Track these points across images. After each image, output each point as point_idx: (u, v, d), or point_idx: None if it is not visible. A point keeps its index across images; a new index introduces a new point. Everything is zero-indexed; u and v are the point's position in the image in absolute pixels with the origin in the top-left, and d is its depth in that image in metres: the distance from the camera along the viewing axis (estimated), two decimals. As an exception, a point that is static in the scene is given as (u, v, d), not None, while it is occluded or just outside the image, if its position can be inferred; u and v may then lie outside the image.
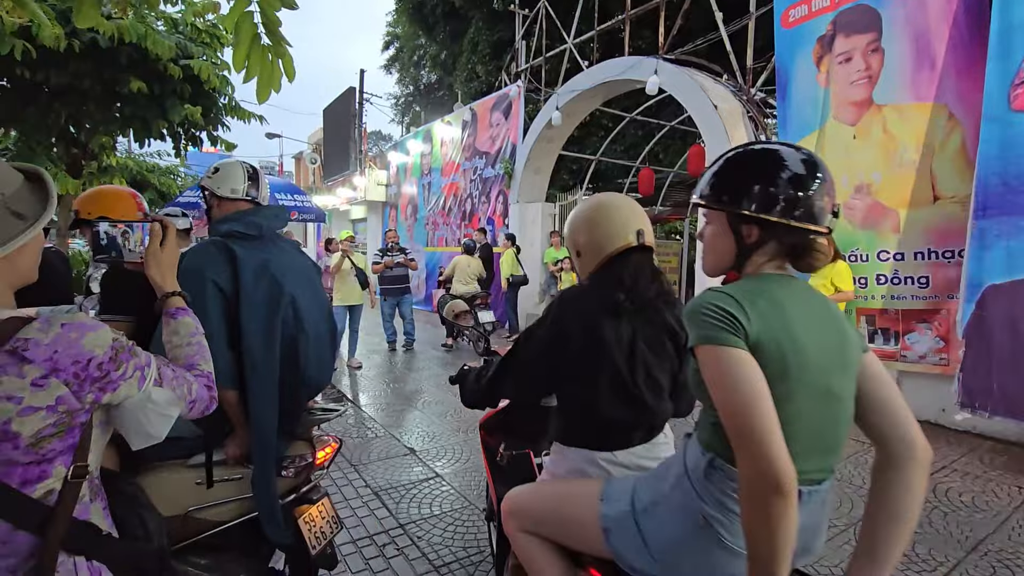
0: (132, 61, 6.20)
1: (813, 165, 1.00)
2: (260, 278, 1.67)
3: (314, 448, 1.86)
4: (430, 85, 22.30)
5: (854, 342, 1.03)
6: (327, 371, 1.96)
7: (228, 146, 7.70)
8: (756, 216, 1.00)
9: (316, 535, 1.81)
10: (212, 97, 7.28)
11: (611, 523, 1.15)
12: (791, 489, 0.81)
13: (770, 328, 0.93)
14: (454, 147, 11.06)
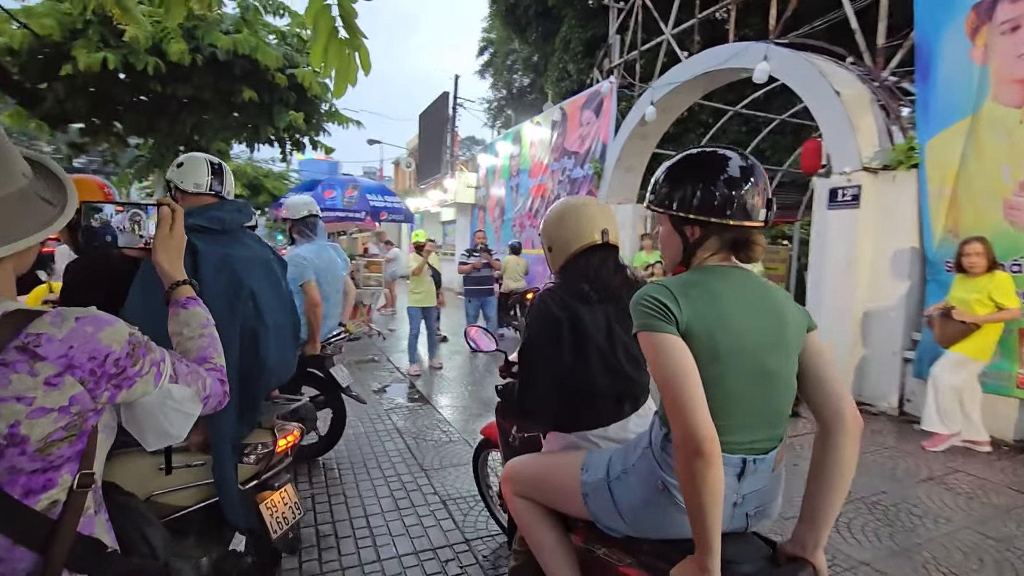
0: (245, 72, 6.67)
1: (745, 164, 1.11)
2: (220, 272, 1.69)
3: (275, 436, 1.90)
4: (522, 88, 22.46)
5: (794, 322, 1.13)
6: (289, 363, 2.00)
7: (327, 150, 8.10)
8: (696, 218, 1.12)
9: (278, 520, 1.89)
10: (314, 104, 7.69)
11: (589, 489, 1.29)
12: (711, 452, 0.93)
13: (701, 316, 1.05)
14: (543, 148, 10.90)
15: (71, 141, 7.08)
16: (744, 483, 1.10)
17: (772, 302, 1.14)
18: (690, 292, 1.08)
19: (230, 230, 1.81)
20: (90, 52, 5.52)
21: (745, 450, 1.09)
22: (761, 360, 1.08)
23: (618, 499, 1.22)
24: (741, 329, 1.07)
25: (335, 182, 7.47)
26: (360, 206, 7.03)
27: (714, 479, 0.94)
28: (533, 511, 1.47)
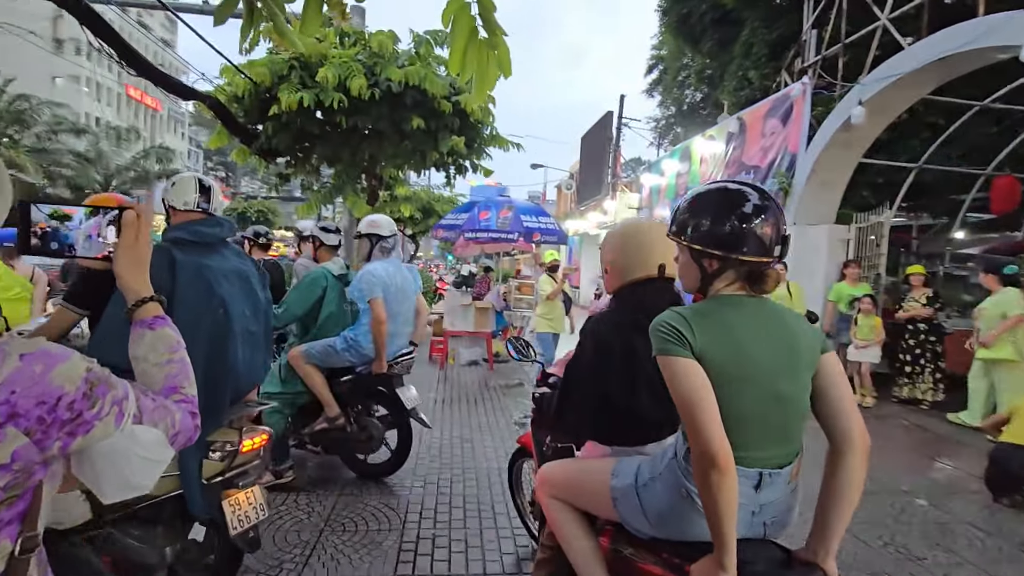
0: (415, 102, 7.03)
1: (761, 202, 1.21)
2: (194, 281, 1.82)
3: (241, 437, 1.98)
4: (693, 104, 21.18)
5: (807, 350, 1.23)
6: (258, 369, 2.13)
7: (486, 172, 8.22)
8: (713, 252, 1.22)
9: (239, 517, 1.98)
10: (476, 128, 7.85)
11: (619, 494, 1.38)
12: (726, 465, 1.04)
13: (715, 342, 1.16)
14: (715, 163, 9.82)
15: (279, 172, 8.20)
16: (761, 494, 1.21)
17: (785, 330, 1.23)
18: (705, 320, 1.18)
19: (210, 243, 1.98)
20: (290, 93, 6.26)
21: (761, 464, 1.19)
22: (775, 385, 1.19)
23: (645, 503, 1.31)
24: (755, 357, 1.18)
25: (491, 203, 7.50)
26: (514, 227, 6.92)
27: (728, 488, 1.05)
28: (565, 512, 1.56)
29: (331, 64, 6.34)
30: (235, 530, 1.97)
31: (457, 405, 5.34)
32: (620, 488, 1.37)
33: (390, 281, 3.28)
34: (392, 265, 3.39)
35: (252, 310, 2.06)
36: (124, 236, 0.97)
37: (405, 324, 3.47)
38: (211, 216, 2.04)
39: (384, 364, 3.24)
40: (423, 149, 7.51)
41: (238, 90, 6.66)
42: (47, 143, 22.31)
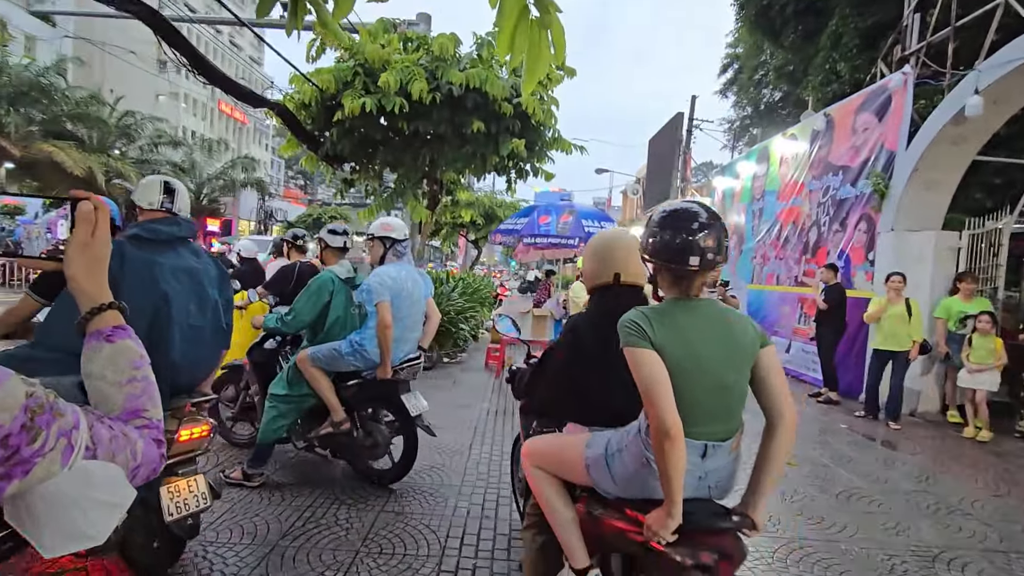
0: (475, 105, 6.92)
1: (693, 218, 1.47)
2: (139, 274, 1.93)
3: (180, 426, 2.07)
4: (771, 104, 19.98)
5: (749, 345, 1.50)
6: (203, 362, 2.23)
7: (547, 176, 7.97)
8: (649, 259, 1.56)
9: (177, 504, 2.06)
10: (538, 131, 7.63)
11: (591, 461, 1.62)
12: (676, 436, 1.31)
13: (670, 340, 1.43)
14: (797, 164, 9.03)
15: (344, 178, 8.35)
16: (707, 462, 1.48)
17: (729, 329, 1.50)
18: (663, 320, 1.46)
19: (165, 240, 2.08)
20: (354, 98, 6.32)
21: (706, 438, 1.46)
22: (721, 376, 1.47)
23: (613, 469, 1.56)
24: (704, 353, 1.45)
25: (552, 208, 7.24)
26: (574, 232, 6.62)
27: (678, 454, 1.32)
28: (546, 479, 1.77)
29: (393, 69, 6.35)
30: (171, 516, 2.06)
31: (510, 418, 5.11)
32: (592, 457, 1.62)
33: (399, 285, 3.22)
34: (403, 269, 3.32)
35: (198, 306, 2.16)
36: (78, 232, 0.81)
37: (412, 329, 3.39)
38: (172, 216, 2.15)
39: (388, 370, 3.18)
40: (483, 152, 7.39)
41: (305, 97, 6.82)
42: (148, 154, 24.45)
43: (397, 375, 3.27)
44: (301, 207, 41.32)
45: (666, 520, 1.35)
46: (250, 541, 2.63)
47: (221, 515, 2.87)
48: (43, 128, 19.05)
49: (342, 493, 3.23)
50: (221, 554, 2.50)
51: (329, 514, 2.96)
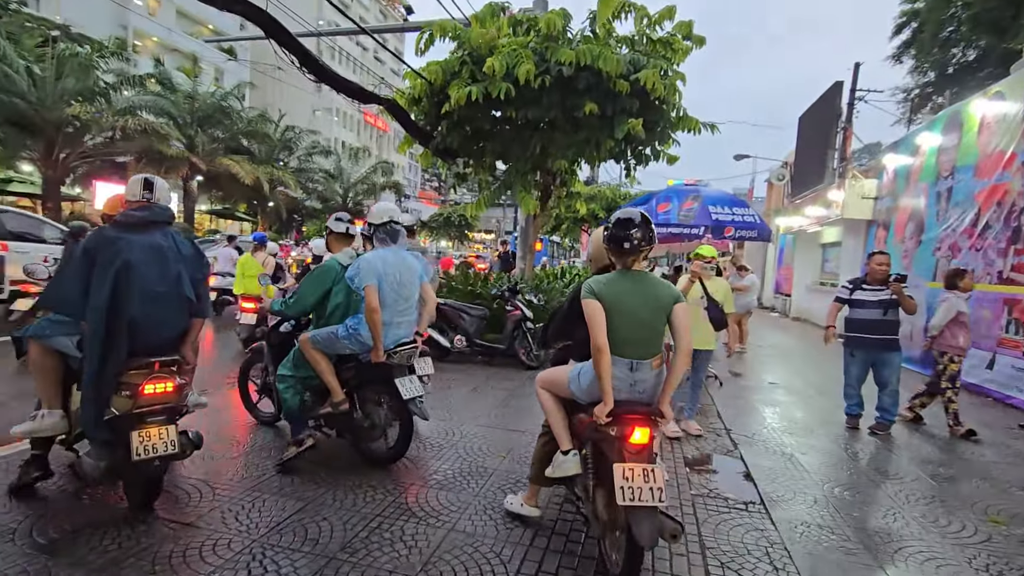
0: (588, 85, 6.38)
1: (630, 221, 2.36)
2: (107, 247, 2.52)
3: (144, 381, 2.55)
4: (964, 65, 16.47)
5: (664, 300, 2.33)
6: (165, 324, 2.67)
7: (670, 159, 7.15)
8: (605, 245, 2.45)
9: (145, 447, 2.49)
10: (659, 109, 6.87)
11: (571, 379, 2.51)
12: (603, 350, 2.18)
13: (607, 294, 2.28)
14: (1005, 131, 7.08)
15: (457, 172, 8.32)
16: (634, 374, 2.32)
17: (650, 289, 2.34)
18: (606, 283, 2.33)
19: (137, 223, 2.62)
20: (459, 88, 6.16)
21: (633, 357, 2.31)
22: (638, 317, 2.30)
23: (580, 383, 2.45)
24: (627, 303, 2.30)
25: (673, 193, 6.41)
26: (700, 220, 5.76)
27: (605, 363, 2.20)
28: (546, 394, 2.69)
29: (499, 53, 6.08)
30: (138, 456, 2.46)
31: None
32: (571, 376, 2.52)
33: (386, 270, 3.31)
34: (392, 254, 3.41)
35: (160, 276, 2.61)
36: None
37: (404, 314, 3.46)
38: (147, 204, 2.70)
39: (380, 353, 3.27)
40: (597, 138, 6.83)
41: (416, 92, 6.85)
42: (304, 163, 27.45)
43: (390, 359, 3.34)
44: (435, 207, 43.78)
45: (603, 408, 2.22)
46: (309, 549, 2.46)
47: (292, 513, 2.75)
48: (224, 145, 22.24)
49: (415, 503, 2.97)
50: (276, 560, 2.35)
51: (396, 527, 2.70)
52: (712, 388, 6.25)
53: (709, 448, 4.25)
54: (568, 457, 2.49)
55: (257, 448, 3.63)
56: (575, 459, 2.48)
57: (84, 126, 17.03)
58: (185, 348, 2.77)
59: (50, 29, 19.33)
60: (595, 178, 20.97)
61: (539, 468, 2.73)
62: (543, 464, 2.68)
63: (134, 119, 17.78)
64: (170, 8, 30.01)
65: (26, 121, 16.32)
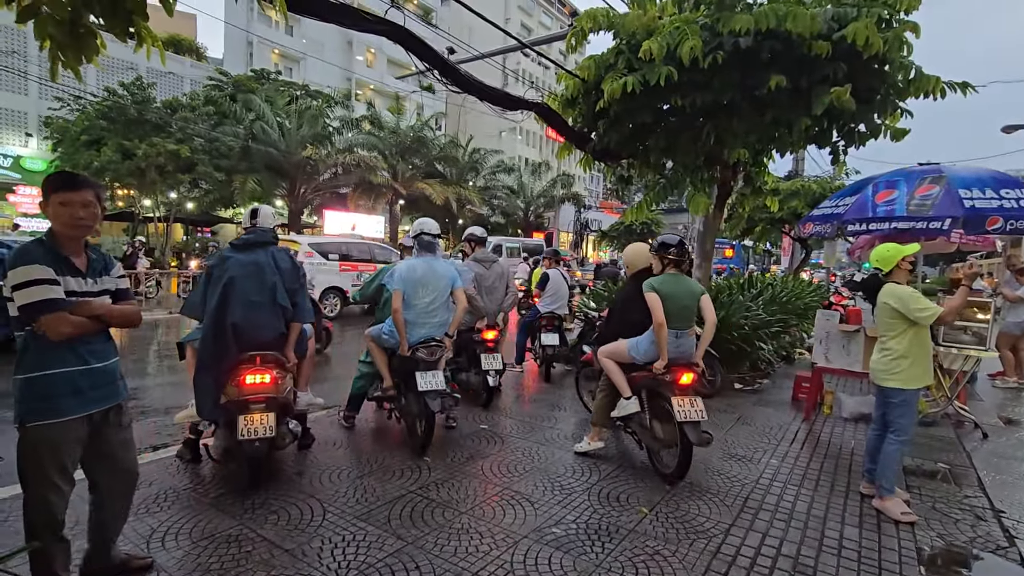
0: (773, 55, 5.23)
1: (672, 238, 3.71)
2: (219, 266, 3.17)
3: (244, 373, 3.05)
4: None
5: (697, 293, 3.57)
6: (263, 327, 3.14)
7: (897, 134, 5.45)
8: (658, 254, 3.71)
9: (249, 429, 2.97)
10: (876, 72, 5.32)
11: (630, 346, 3.64)
12: (663, 324, 3.39)
13: (663, 288, 3.48)
14: None
15: (620, 175, 7.66)
16: (678, 340, 3.49)
17: (689, 286, 3.58)
18: (661, 281, 3.52)
19: (243, 244, 3.29)
20: (613, 80, 5.55)
21: (676, 328, 3.47)
22: (681, 303, 3.48)
23: (640, 348, 3.58)
24: (675, 293, 3.48)
25: (900, 177, 4.75)
26: (942, 210, 4.12)
27: (663, 333, 3.39)
28: (610, 361, 3.72)
29: (658, 34, 5.31)
30: (243, 436, 2.96)
31: (826, 489, 3.44)
32: (630, 346, 3.62)
33: (411, 275, 3.87)
34: (423, 262, 3.97)
35: (258, 287, 3.13)
36: None
37: (430, 315, 3.92)
38: (253, 229, 3.40)
39: (405, 348, 3.80)
40: (788, 118, 5.56)
41: (569, 92, 6.42)
42: (490, 181, 29.23)
43: (415, 353, 3.77)
44: (616, 216, 42.96)
45: (660, 363, 3.40)
46: None
47: (388, 554, 2.49)
48: (420, 170, 24.83)
49: (521, 566, 2.48)
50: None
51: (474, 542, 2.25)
52: (970, 440, 4.51)
53: (963, 537, 2.91)
54: (631, 401, 3.59)
55: (382, 469, 3.53)
56: (635, 401, 3.59)
57: (316, 165, 20.54)
58: (287, 349, 3.24)
59: (296, 90, 23.92)
60: (799, 171, 18.07)
61: (601, 414, 3.83)
62: (604, 411, 3.80)
63: (351, 155, 20.87)
64: (383, 58, 34.95)
65: (277, 165, 20.32)
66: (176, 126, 18.77)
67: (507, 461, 3.70)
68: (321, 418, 4.47)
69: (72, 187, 2.00)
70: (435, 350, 3.84)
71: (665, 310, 3.35)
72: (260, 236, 3.33)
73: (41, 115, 21.17)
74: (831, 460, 3.97)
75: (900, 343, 3.13)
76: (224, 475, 3.32)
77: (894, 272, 3.22)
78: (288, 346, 3.26)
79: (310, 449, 3.84)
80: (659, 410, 3.51)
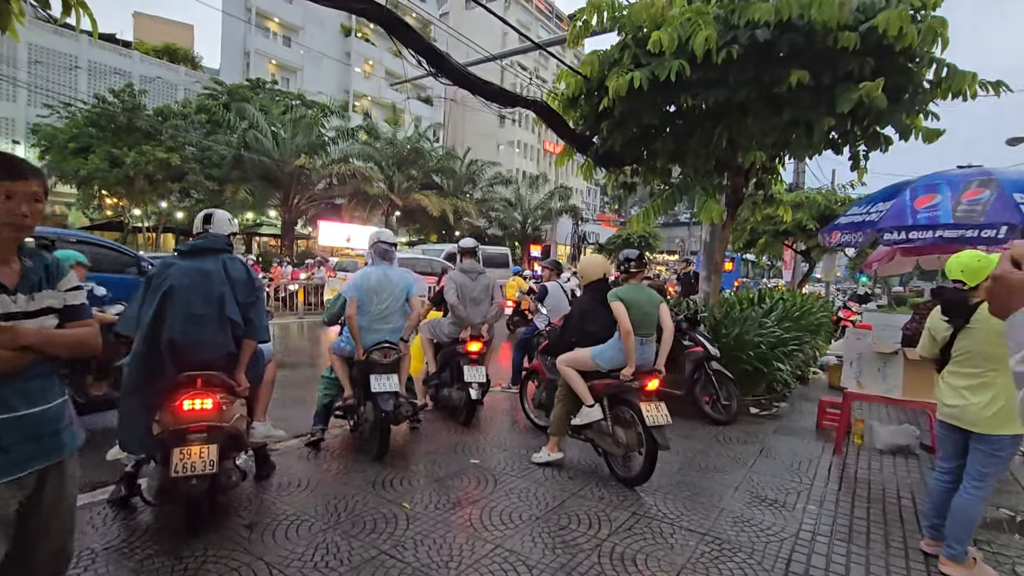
0: (794, 48, 4.79)
1: (633, 252, 4.07)
2: (159, 274, 2.74)
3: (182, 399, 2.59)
4: None
5: (656, 301, 3.79)
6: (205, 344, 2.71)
7: (929, 135, 4.99)
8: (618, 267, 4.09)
9: (184, 464, 2.49)
10: (904, 70, 4.88)
11: (595, 354, 3.68)
12: (631, 333, 3.51)
13: (627, 297, 3.63)
14: None
15: (624, 182, 7.19)
16: (642, 348, 3.65)
17: (649, 295, 3.79)
18: (626, 291, 3.70)
19: (193, 251, 2.87)
20: (619, 77, 5.09)
21: (640, 335, 3.63)
22: (644, 310, 3.68)
23: (604, 357, 3.64)
24: (639, 302, 3.67)
25: (942, 181, 4.25)
26: (996, 216, 3.61)
27: (631, 341, 3.50)
28: (571, 370, 3.72)
29: (668, 25, 4.87)
30: (176, 473, 2.48)
31: (880, 546, 2.89)
32: (595, 354, 3.66)
33: (365, 283, 3.99)
34: (377, 269, 4.09)
35: (202, 299, 2.74)
36: None
37: (383, 321, 4.02)
38: (204, 235, 2.97)
39: (360, 353, 3.87)
40: (808, 118, 5.10)
41: (571, 91, 5.97)
42: (487, 193, 28.83)
43: (369, 357, 3.84)
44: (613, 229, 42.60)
45: (629, 369, 3.51)
46: None
47: None
48: (417, 181, 24.42)
49: None
50: None
51: None
52: (1025, 479, 3.97)
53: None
54: (594, 408, 3.63)
55: (351, 519, 2.97)
56: (598, 409, 3.63)
57: (310, 175, 20.10)
58: (237, 371, 2.81)
59: (291, 99, 23.59)
60: (799, 183, 17.68)
61: (559, 423, 3.85)
62: (562, 420, 3.83)
63: (346, 166, 20.45)
64: (380, 69, 34.77)
65: (271, 175, 19.88)
66: (167, 134, 18.35)
67: (500, 508, 3.15)
68: (290, 449, 3.92)
69: (17, 175, 1.49)
70: (389, 352, 3.92)
71: (631, 317, 3.52)
72: (210, 242, 2.93)
73: (29, 122, 20.72)
74: (876, 505, 3.42)
75: (1005, 378, 2.47)
76: (158, 527, 2.76)
77: (979, 288, 2.58)
78: (239, 367, 2.83)
79: (269, 481, 3.32)
80: (621, 416, 3.62)
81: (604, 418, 3.62)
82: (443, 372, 4.97)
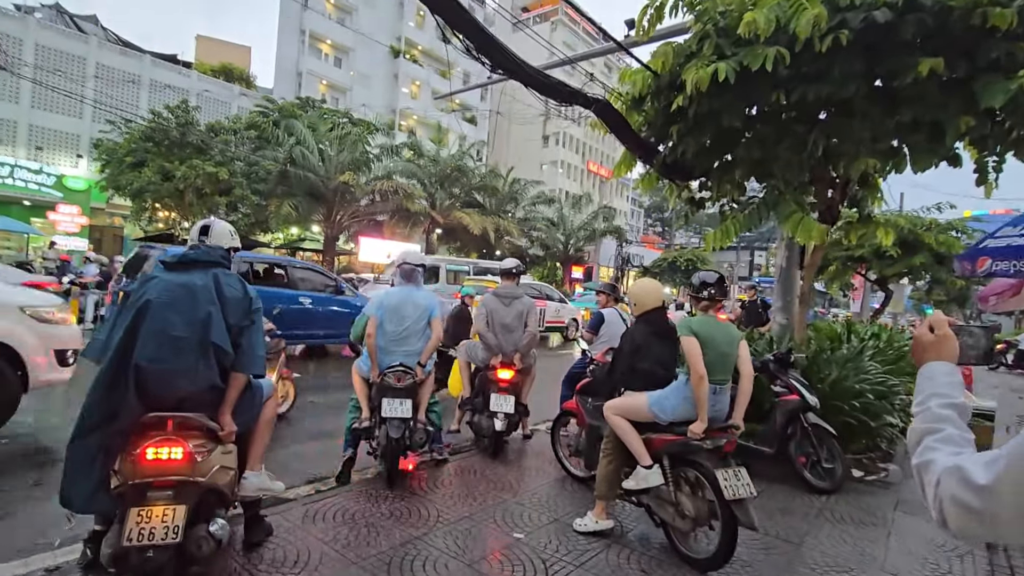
0: (923, 30, 3.90)
1: (711, 276, 3.23)
2: (140, 287, 2.34)
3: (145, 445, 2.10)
4: None
5: (736, 338, 3.09)
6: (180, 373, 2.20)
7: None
8: (693, 295, 3.27)
9: (140, 530, 2.01)
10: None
11: (652, 402, 3.01)
12: (704, 378, 2.84)
13: (702, 331, 2.96)
14: None
15: (690, 196, 6.33)
16: (715, 397, 2.94)
17: (729, 330, 3.10)
18: (698, 323, 3.03)
19: (181, 263, 2.40)
20: (699, 68, 4.30)
21: (715, 383, 2.93)
22: (721, 350, 2.99)
23: (665, 405, 2.98)
24: (716, 340, 2.98)
25: None
26: None
27: (704, 388, 2.83)
28: (621, 420, 3.09)
29: (763, 5, 4.06)
30: (128, 542, 2.00)
31: None
32: (652, 402, 3.02)
33: (387, 302, 3.87)
34: (400, 289, 3.96)
35: (184, 319, 2.25)
36: None
37: (400, 343, 3.82)
38: (197, 246, 2.52)
39: (375, 373, 3.74)
40: (938, 117, 4.16)
41: (637, 90, 5.21)
42: (529, 213, 28.26)
43: (383, 379, 3.66)
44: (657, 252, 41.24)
45: (700, 425, 2.84)
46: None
47: None
48: (458, 199, 24.09)
49: None
50: None
51: None
52: None
53: None
54: (652, 471, 2.96)
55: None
56: (658, 471, 2.96)
57: (354, 191, 20.03)
58: (222, 410, 2.31)
59: (339, 117, 23.83)
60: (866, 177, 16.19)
61: (608, 484, 3.17)
62: (611, 480, 3.16)
63: (389, 182, 20.29)
64: (427, 90, 35.14)
65: (315, 190, 19.91)
66: (217, 148, 18.65)
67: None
68: (294, 506, 3.21)
69: None
70: (403, 376, 3.69)
71: (707, 359, 2.91)
72: (202, 254, 2.47)
73: (92, 137, 21.61)
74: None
75: None
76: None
77: None
78: (225, 405, 2.32)
79: (261, 550, 2.64)
80: (686, 481, 2.93)
81: (665, 483, 2.95)
82: (476, 397, 4.75)
